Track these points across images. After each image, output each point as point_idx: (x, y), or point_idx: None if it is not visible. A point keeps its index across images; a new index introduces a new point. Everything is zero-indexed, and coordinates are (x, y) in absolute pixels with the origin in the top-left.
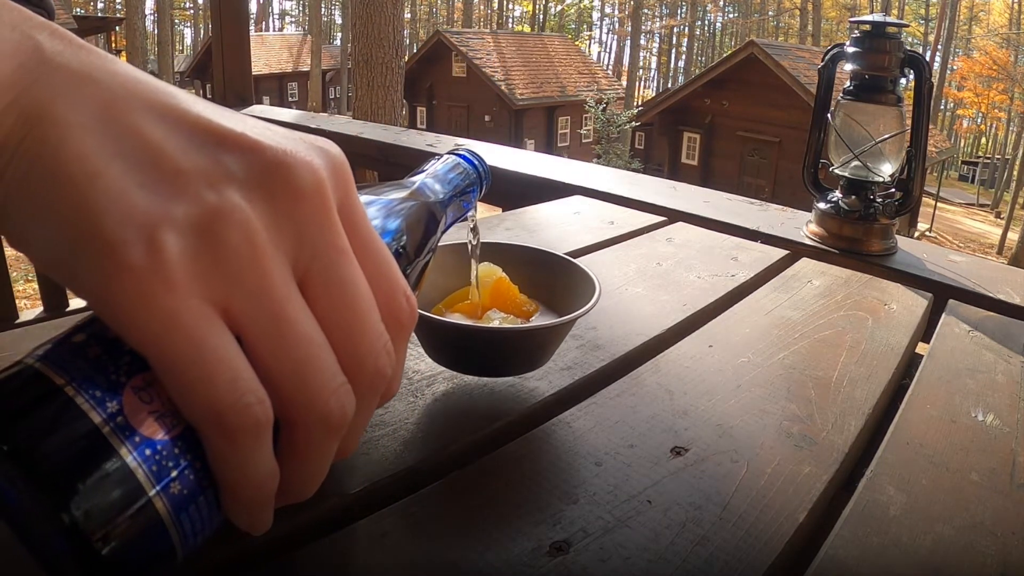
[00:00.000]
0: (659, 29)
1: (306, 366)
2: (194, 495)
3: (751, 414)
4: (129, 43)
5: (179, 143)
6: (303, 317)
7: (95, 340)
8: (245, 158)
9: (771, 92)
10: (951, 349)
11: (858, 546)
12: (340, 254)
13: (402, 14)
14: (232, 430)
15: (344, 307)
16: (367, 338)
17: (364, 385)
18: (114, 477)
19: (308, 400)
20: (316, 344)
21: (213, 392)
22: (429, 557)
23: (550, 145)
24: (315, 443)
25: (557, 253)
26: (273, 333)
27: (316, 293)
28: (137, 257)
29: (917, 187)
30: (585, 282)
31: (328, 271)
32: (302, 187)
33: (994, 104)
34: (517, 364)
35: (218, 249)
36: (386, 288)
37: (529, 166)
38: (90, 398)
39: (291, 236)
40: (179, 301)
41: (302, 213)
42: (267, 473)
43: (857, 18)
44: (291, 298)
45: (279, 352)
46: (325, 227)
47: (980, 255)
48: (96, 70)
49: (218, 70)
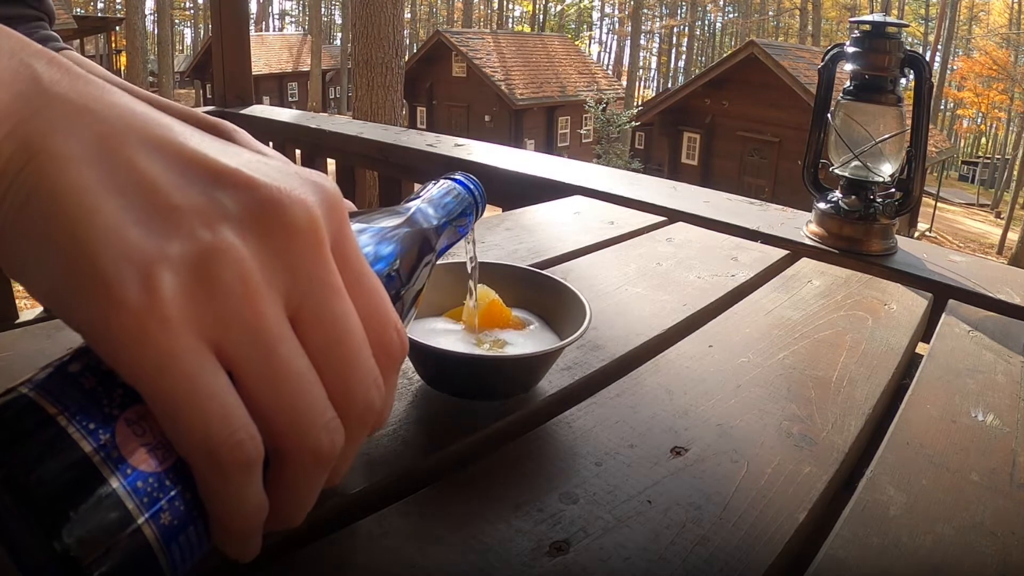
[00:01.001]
0: (659, 29)
1: (297, 402)
2: (184, 524)
3: (751, 414)
4: (129, 43)
5: (175, 178)
6: (294, 354)
7: (90, 371)
8: (240, 195)
9: (771, 92)
10: (951, 349)
11: (858, 546)
12: (332, 291)
13: (402, 14)
14: (223, 465)
15: (335, 343)
16: (357, 374)
17: (353, 419)
18: (105, 506)
19: (298, 435)
20: (307, 381)
21: (205, 429)
22: (429, 557)
23: (550, 145)
24: (304, 475)
25: (552, 276)
26: (265, 370)
27: (308, 329)
28: (133, 295)
29: (917, 187)
30: (577, 306)
31: (320, 308)
32: (296, 225)
33: (994, 104)
34: (501, 390)
35: (212, 287)
36: (377, 323)
37: (529, 166)
38: (83, 429)
39: (284, 273)
40: (174, 339)
41: (295, 251)
42: (257, 506)
43: (857, 18)
44: (283, 336)
45: (270, 388)
46: (318, 264)
47: (980, 255)
48: (94, 101)
49: (218, 70)
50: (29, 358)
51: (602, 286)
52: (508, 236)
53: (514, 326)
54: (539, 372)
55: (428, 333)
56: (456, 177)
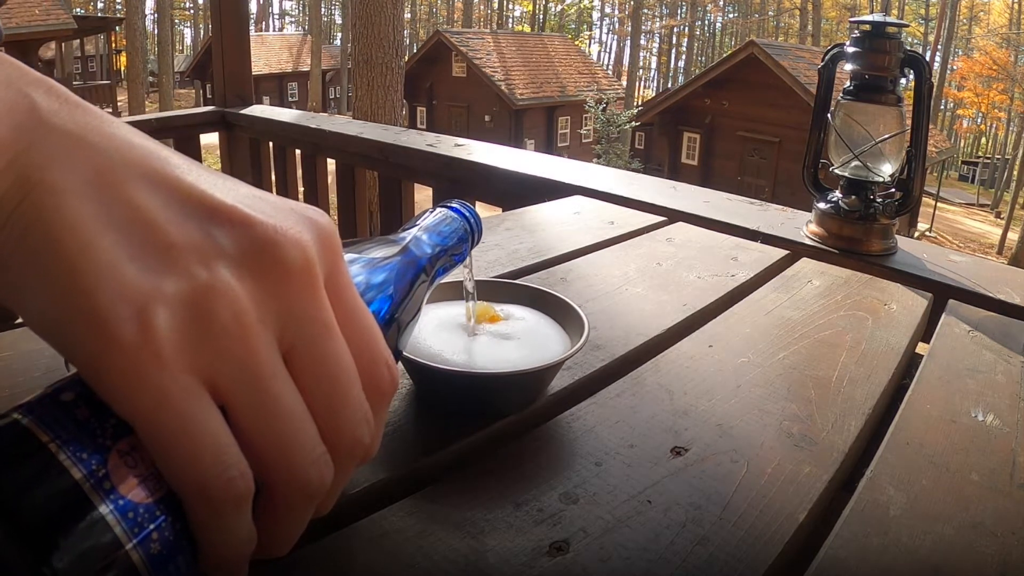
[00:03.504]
0: (659, 29)
1: (287, 438)
2: (173, 553)
3: (751, 414)
4: (129, 43)
5: (171, 215)
6: (286, 391)
7: (83, 401)
8: (236, 233)
9: (771, 92)
10: (951, 349)
11: (858, 546)
12: (324, 329)
13: (402, 14)
14: (214, 501)
15: (326, 381)
16: (347, 411)
17: (343, 453)
18: (95, 534)
19: (288, 470)
20: (298, 418)
21: (197, 465)
22: (429, 557)
23: (550, 145)
24: (293, 507)
25: (552, 291)
26: (257, 407)
27: (300, 367)
28: (128, 333)
29: (917, 187)
30: (575, 320)
31: (312, 346)
32: (290, 265)
33: (994, 104)
34: (499, 407)
35: (207, 325)
36: (368, 359)
37: (529, 166)
38: (75, 458)
39: (278, 312)
40: (167, 377)
41: (289, 291)
42: (245, 538)
43: (857, 18)
44: (275, 374)
45: (262, 425)
46: (311, 304)
47: (980, 255)
48: (92, 132)
49: (218, 70)
50: (29, 358)
51: (602, 286)
52: (508, 236)
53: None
54: (529, 392)
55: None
56: (452, 205)
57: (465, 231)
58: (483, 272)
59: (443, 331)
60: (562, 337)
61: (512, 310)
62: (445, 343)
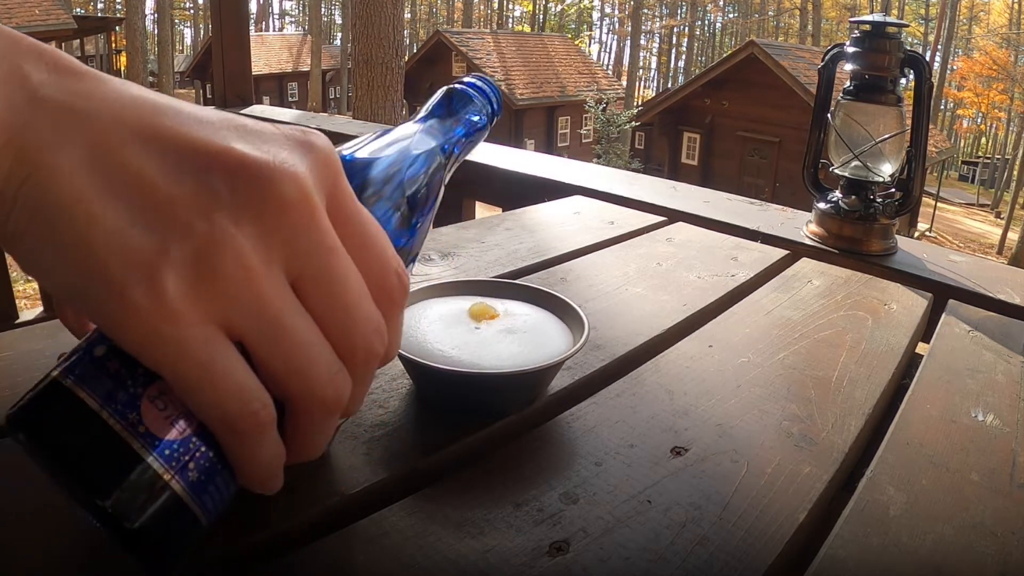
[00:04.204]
0: (659, 29)
1: (304, 365)
2: (211, 475)
3: (751, 414)
4: (129, 43)
5: (166, 171)
6: (297, 322)
7: (114, 354)
8: (230, 177)
9: (771, 92)
10: (951, 349)
11: (858, 546)
12: (328, 253)
13: (402, 14)
14: (240, 432)
15: (335, 303)
16: (358, 327)
17: (358, 366)
18: (138, 474)
19: (308, 392)
20: (311, 344)
21: (222, 404)
22: (429, 557)
23: (550, 145)
24: (317, 422)
25: (552, 291)
26: (271, 341)
27: (308, 293)
28: (141, 298)
29: (917, 187)
30: (575, 320)
31: (318, 272)
32: (286, 199)
33: (994, 104)
34: (499, 407)
35: (214, 277)
36: (377, 270)
37: (529, 166)
38: (114, 412)
39: (281, 247)
40: (184, 331)
41: (289, 224)
42: (274, 455)
43: (857, 18)
44: (286, 307)
45: (278, 357)
46: (311, 233)
47: (980, 255)
48: (82, 99)
49: (218, 70)
50: (29, 358)
51: (602, 286)
52: (508, 236)
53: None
54: (531, 391)
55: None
56: (463, 81)
57: (478, 106)
58: (483, 272)
59: (443, 328)
60: (563, 332)
61: (512, 307)
62: (445, 340)
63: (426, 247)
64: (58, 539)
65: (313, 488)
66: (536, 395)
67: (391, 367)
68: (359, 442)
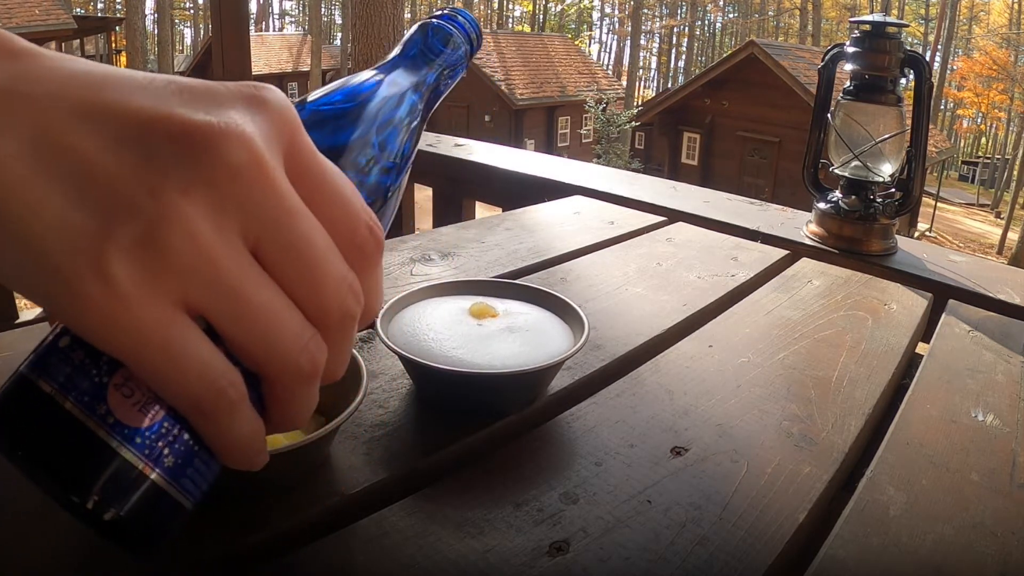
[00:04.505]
0: (659, 29)
1: (270, 335)
2: (189, 459)
3: (751, 414)
4: (129, 43)
5: (105, 145)
6: (259, 291)
7: (77, 343)
8: (174, 146)
9: (771, 92)
10: (951, 349)
11: (858, 546)
12: (287, 215)
13: (402, 14)
14: (209, 412)
15: (299, 266)
16: (328, 289)
17: (333, 329)
18: (113, 466)
19: (279, 361)
20: (276, 312)
21: (187, 384)
22: (429, 557)
23: (550, 145)
24: (294, 392)
25: (552, 291)
26: (234, 312)
27: (270, 259)
28: (90, 286)
29: (917, 187)
30: (575, 320)
31: (277, 236)
32: (234, 164)
33: (994, 104)
34: (499, 407)
35: (165, 254)
36: (345, 226)
37: (529, 166)
38: (83, 405)
39: (235, 213)
40: (139, 316)
41: (240, 189)
42: (250, 433)
43: (857, 18)
44: (245, 276)
45: (243, 328)
46: (266, 195)
47: (980, 255)
48: (22, 82)
49: (218, 70)
50: None
51: (602, 286)
52: (508, 236)
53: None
54: (531, 391)
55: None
56: (437, 15)
57: (457, 41)
58: (483, 272)
59: (444, 328)
60: (563, 332)
61: (513, 307)
62: (446, 340)
63: (426, 247)
64: (58, 539)
65: (313, 488)
66: (536, 395)
67: (391, 367)
68: (359, 442)
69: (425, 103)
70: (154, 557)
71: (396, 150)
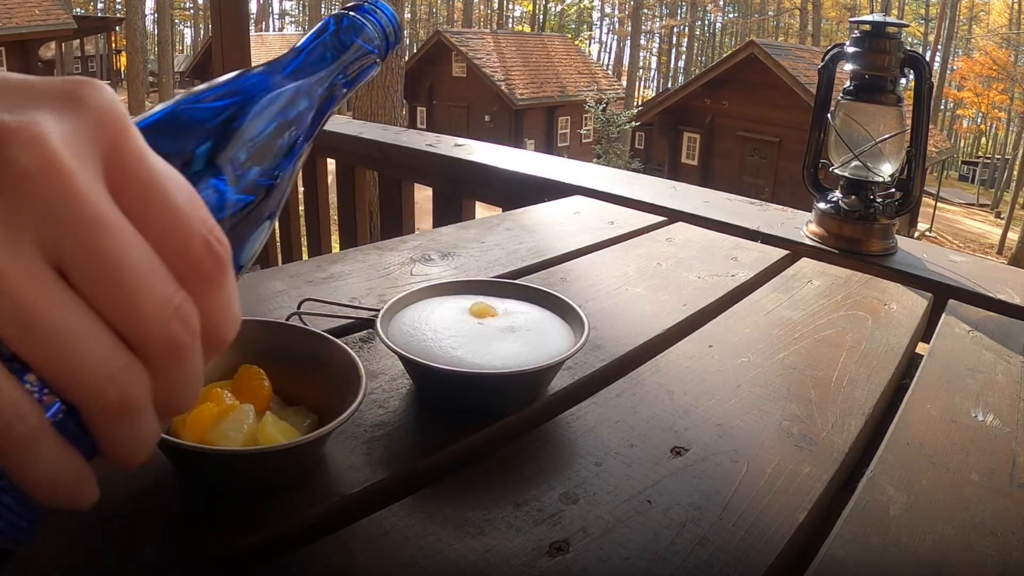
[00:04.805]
0: (659, 29)
1: (68, 363)
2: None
3: (751, 414)
4: (129, 43)
5: None
6: (56, 312)
7: None
8: None
9: (771, 92)
10: (951, 349)
11: (858, 546)
12: (91, 228)
13: (402, 14)
14: (4, 453)
15: (109, 284)
16: (144, 312)
17: (156, 356)
18: None
19: (82, 392)
20: (76, 334)
21: None
22: (429, 557)
23: (550, 145)
24: (114, 427)
25: (552, 291)
26: (26, 338)
27: (75, 275)
28: None
29: (917, 187)
30: (575, 320)
31: (81, 251)
32: (25, 168)
33: (994, 104)
34: (499, 407)
35: None
36: (175, 240)
37: (529, 166)
38: None
39: (32, 224)
40: None
41: (36, 198)
42: (56, 471)
43: (857, 18)
44: (38, 296)
45: (37, 354)
46: (66, 203)
47: (980, 255)
48: None
49: (218, 70)
50: None
51: (602, 286)
52: (508, 236)
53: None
54: (531, 391)
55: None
56: (353, 8)
57: (369, 35)
58: (483, 272)
59: (444, 328)
60: (563, 332)
61: (513, 307)
62: (446, 340)
63: (426, 247)
64: (57, 539)
65: (313, 488)
66: (536, 395)
67: (391, 367)
68: (359, 442)
69: (317, 109)
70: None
71: (270, 159)
